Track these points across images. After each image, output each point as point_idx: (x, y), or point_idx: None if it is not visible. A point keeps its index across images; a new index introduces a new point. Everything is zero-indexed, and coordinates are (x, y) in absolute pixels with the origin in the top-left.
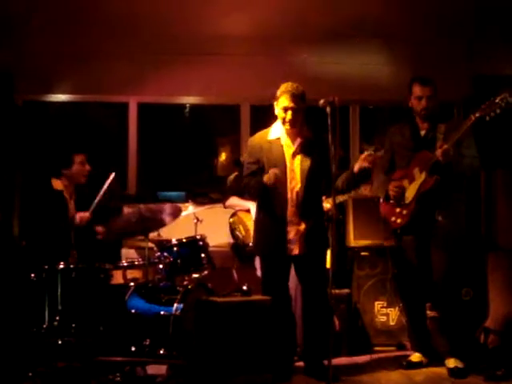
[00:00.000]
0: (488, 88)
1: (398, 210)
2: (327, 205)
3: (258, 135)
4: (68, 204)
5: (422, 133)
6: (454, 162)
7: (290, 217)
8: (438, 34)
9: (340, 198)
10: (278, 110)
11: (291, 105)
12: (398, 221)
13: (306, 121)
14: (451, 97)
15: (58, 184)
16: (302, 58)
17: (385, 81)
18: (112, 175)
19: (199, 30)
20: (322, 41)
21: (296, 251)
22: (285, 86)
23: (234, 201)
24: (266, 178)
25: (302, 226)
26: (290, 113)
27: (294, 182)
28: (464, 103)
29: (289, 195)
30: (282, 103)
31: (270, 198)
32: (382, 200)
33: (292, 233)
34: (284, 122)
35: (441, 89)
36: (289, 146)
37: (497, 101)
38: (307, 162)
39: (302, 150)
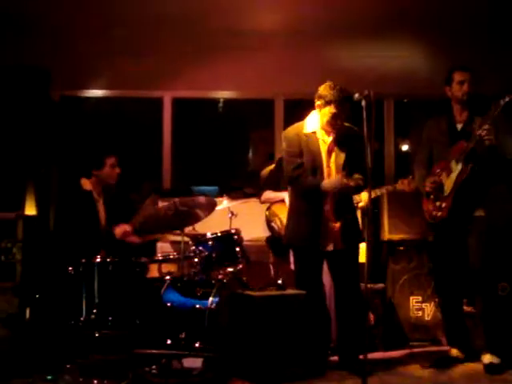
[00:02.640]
0: None
1: (437, 203)
2: (358, 197)
3: (294, 127)
4: (97, 204)
5: (459, 126)
6: (495, 143)
7: (326, 213)
8: (475, 28)
9: (377, 192)
10: (323, 111)
11: (339, 112)
12: (438, 214)
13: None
14: (488, 91)
15: (87, 184)
16: (337, 52)
17: (420, 75)
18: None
19: (233, 25)
20: (356, 34)
21: (330, 247)
22: (336, 91)
23: (268, 194)
24: (326, 183)
25: (338, 223)
26: (337, 119)
27: (331, 178)
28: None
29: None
30: (331, 110)
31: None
32: (424, 196)
33: (327, 229)
34: (329, 124)
35: (479, 82)
36: (324, 141)
37: None
38: (342, 158)
39: (337, 145)
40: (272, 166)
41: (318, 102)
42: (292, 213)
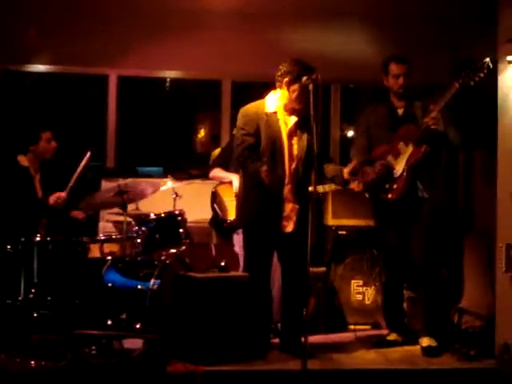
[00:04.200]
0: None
1: (387, 185)
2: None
3: (254, 105)
4: (34, 181)
5: (400, 111)
6: (443, 130)
7: (286, 194)
8: (423, 17)
9: (326, 188)
10: (292, 88)
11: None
12: (389, 196)
13: None
14: (433, 80)
15: (23, 160)
16: (285, 35)
17: (367, 60)
18: (88, 154)
19: (182, 4)
20: (305, 18)
21: (290, 228)
22: (302, 66)
23: (217, 172)
24: (263, 174)
25: (297, 204)
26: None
27: (292, 160)
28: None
29: (286, 172)
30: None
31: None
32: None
33: (287, 210)
34: (298, 101)
35: (422, 71)
36: (285, 123)
37: (478, 65)
38: (304, 141)
39: (299, 128)
40: (223, 146)
41: (285, 79)
42: (249, 198)
